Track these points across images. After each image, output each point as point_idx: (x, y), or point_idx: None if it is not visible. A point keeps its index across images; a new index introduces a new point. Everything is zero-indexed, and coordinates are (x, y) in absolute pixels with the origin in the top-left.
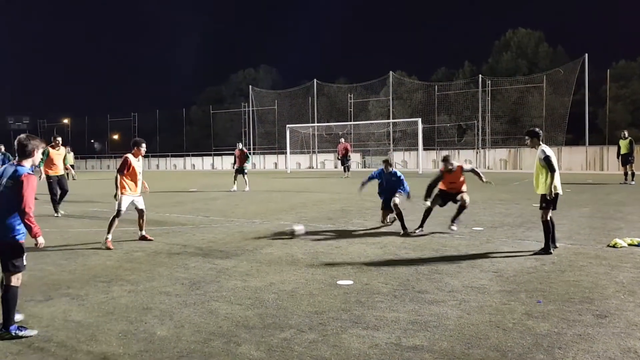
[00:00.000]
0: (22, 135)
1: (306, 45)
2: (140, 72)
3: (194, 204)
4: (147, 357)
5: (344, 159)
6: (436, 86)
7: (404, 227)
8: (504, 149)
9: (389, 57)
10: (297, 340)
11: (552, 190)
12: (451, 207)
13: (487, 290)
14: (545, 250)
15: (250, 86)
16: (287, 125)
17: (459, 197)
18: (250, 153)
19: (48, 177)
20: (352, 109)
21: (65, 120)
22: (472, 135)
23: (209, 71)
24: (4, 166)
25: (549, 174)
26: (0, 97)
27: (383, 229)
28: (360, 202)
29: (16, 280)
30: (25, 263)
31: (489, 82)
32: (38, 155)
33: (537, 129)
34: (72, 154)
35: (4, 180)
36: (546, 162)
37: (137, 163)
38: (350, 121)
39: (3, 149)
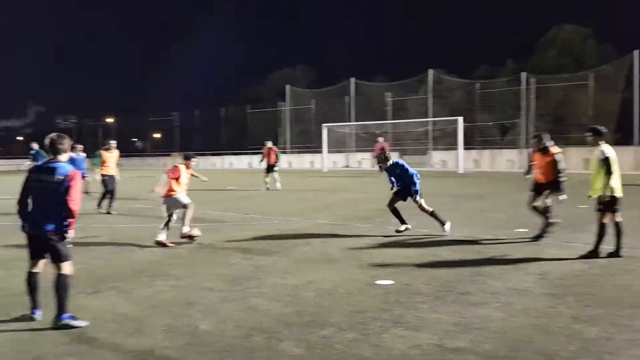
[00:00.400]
0: (54, 135)
1: (343, 43)
2: (180, 71)
3: (232, 201)
4: (192, 350)
5: (380, 158)
6: (477, 84)
7: (441, 222)
8: None
9: (427, 54)
10: (337, 338)
11: (608, 192)
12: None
13: (532, 292)
14: (594, 254)
15: (286, 85)
16: (324, 124)
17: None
18: (280, 152)
19: (102, 176)
20: (389, 108)
21: (109, 120)
22: (515, 134)
23: (247, 71)
24: (40, 163)
25: (606, 175)
26: (47, 98)
27: (423, 230)
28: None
29: (67, 269)
30: (70, 252)
31: (533, 79)
32: (69, 152)
33: (601, 127)
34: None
35: (44, 176)
36: (604, 163)
37: (185, 173)
38: (388, 120)
39: (37, 146)
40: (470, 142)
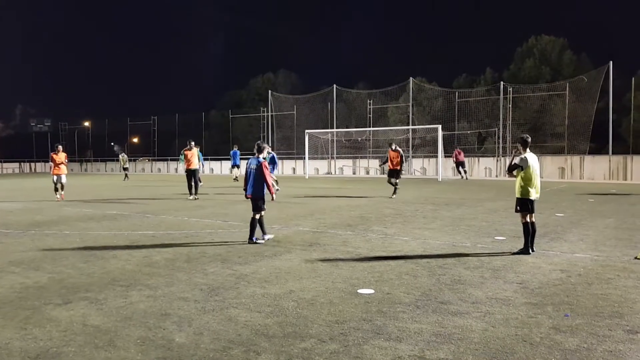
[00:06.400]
0: (259, 141)
1: (326, 50)
2: (161, 76)
3: (213, 208)
4: None
5: (461, 164)
6: (457, 93)
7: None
8: None
9: (409, 63)
10: (317, 350)
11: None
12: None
13: (512, 302)
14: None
15: (269, 91)
16: (306, 131)
17: None
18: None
19: (186, 171)
20: (371, 115)
21: (86, 123)
22: (493, 142)
23: (229, 76)
24: (252, 158)
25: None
26: (22, 100)
27: (404, 237)
28: (380, 209)
29: (259, 216)
30: (265, 207)
31: (511, 89)
32: (265, 152)
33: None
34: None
35: (252, 165)
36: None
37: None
38: (369, 127)
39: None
40: (450, 150)
